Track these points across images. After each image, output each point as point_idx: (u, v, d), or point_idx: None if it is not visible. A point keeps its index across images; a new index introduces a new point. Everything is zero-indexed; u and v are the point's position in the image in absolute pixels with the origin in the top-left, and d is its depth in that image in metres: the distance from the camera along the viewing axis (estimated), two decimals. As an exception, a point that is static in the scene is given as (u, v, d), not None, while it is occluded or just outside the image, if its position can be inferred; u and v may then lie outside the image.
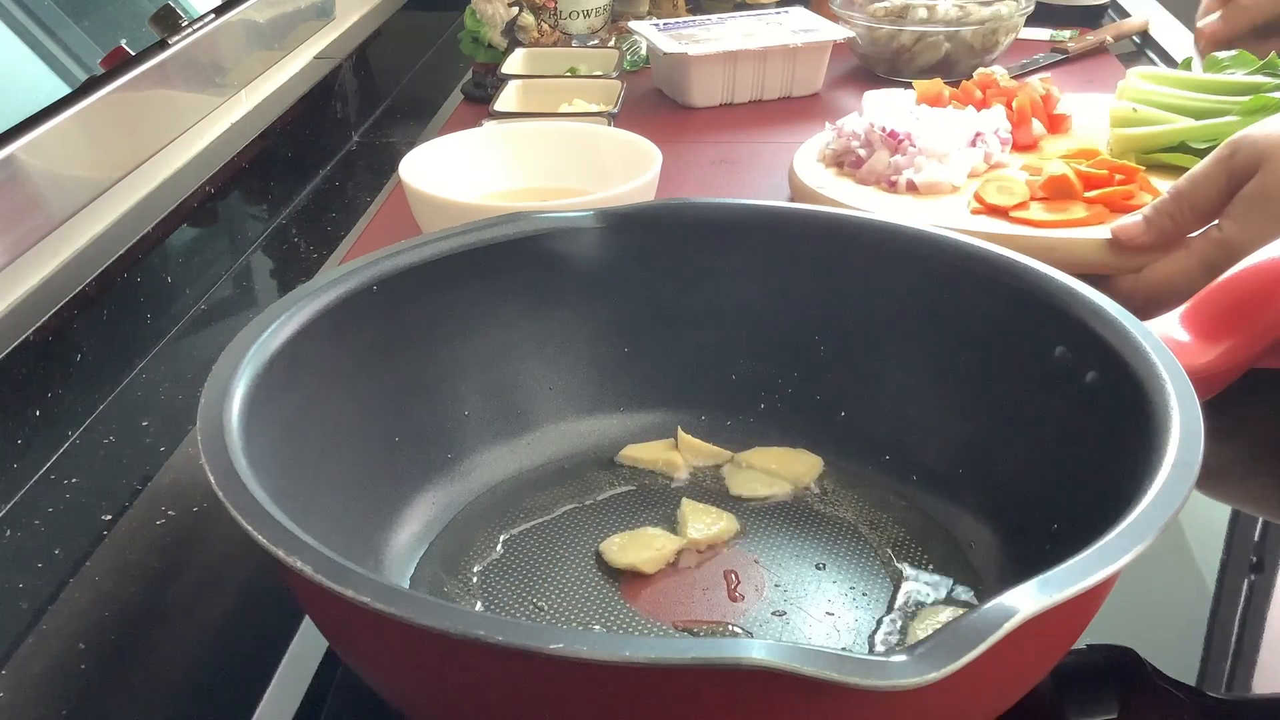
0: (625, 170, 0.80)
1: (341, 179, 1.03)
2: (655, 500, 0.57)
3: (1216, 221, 0.67)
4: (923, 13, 1.14)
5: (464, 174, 0.83)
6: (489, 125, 0.90)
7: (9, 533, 0.58)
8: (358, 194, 0.99)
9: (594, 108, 0.99)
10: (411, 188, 0.76)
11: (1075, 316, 0.50)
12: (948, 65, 1.15)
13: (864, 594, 0.51)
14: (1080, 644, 0.48)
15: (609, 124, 0.92)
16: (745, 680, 0.33)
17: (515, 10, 1.15)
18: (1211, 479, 0.47)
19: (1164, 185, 0.71)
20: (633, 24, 1.20)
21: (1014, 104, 0.91)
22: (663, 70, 1.15)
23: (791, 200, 0.86)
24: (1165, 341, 0.47)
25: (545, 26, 1.20)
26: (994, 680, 0.38)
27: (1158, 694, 0.46)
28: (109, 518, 0.59)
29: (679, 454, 0.59)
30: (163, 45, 0.83)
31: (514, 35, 1.16)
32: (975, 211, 0.78)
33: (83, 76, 0.74)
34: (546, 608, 0.51)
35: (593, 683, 0.34)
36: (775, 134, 1.07)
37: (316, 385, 0.50)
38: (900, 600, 0.51)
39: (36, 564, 0.56)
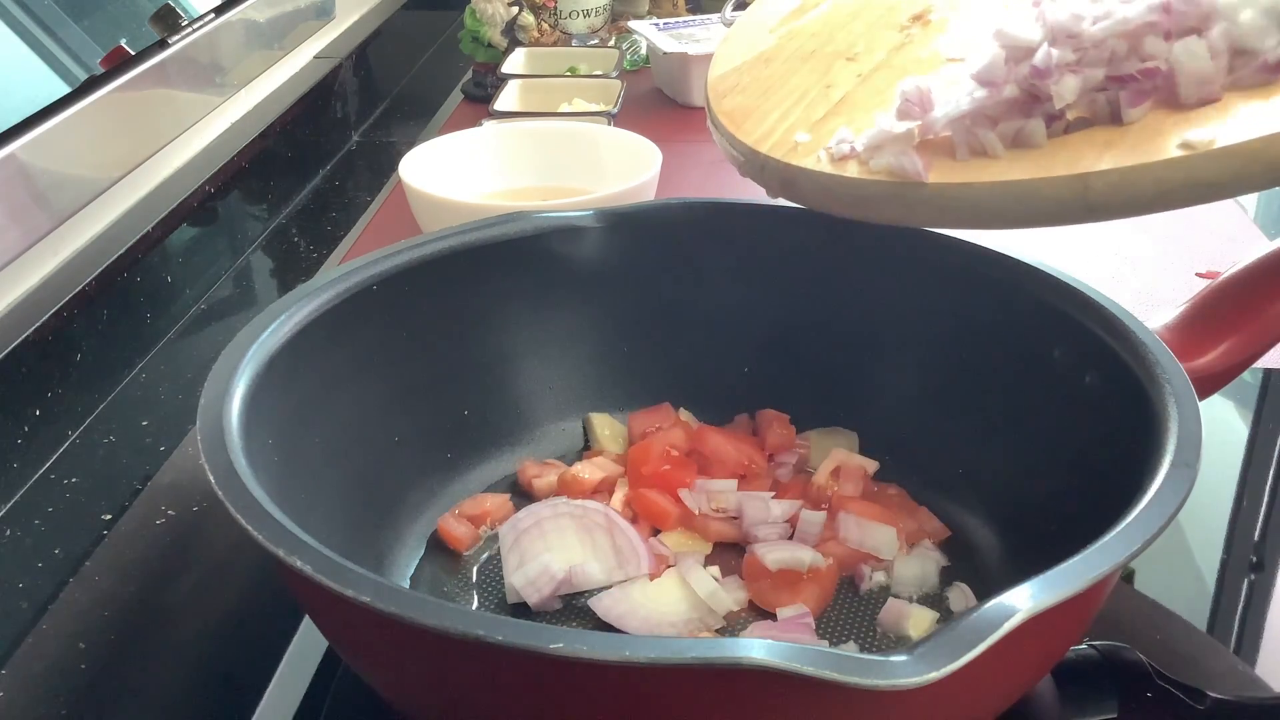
0: (625, 170, 0.80)
1: (341, 179, 1.03)
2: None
3: None
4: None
5: (464, 174, 0.83)
6: (489, 125, 0.90)
7: (9, 532, 0.58)
8: (358, 194, 0.99)
9: (594, 107, 0.99)
10: (411, 188, 0.76)
11: (1075, 317, 0.50)
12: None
13: (864, 594, 0.51)
14: (1080, 644, 0.48)
15: (609, 124, 0.92)
16: (745, 680, 0.33)
17: (515, 10, 1.15)
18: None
19: None
20: (633, 24, 1.20)
21: None
22: (663, 70, 1.15)
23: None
24: (1165, 341, 0.47)
25: (545, 26, 1.20)
26: (994, 680, 0.38)
27: (1158, 694, 0.46)
28: (109, 518, 0.59)
29: None
30: (163, 45, 0.82)
31: (514, 35, 1.16)
32: None
33: (83, 76, 0.74)
34: (546, 608, 0.51)
35: (593, 683, 0.34)
36: (775, 134, 1.06)
37: (316, 385, 0.50)
38: (900, 600, 0.51)
39: (36, 564, 0.56)
